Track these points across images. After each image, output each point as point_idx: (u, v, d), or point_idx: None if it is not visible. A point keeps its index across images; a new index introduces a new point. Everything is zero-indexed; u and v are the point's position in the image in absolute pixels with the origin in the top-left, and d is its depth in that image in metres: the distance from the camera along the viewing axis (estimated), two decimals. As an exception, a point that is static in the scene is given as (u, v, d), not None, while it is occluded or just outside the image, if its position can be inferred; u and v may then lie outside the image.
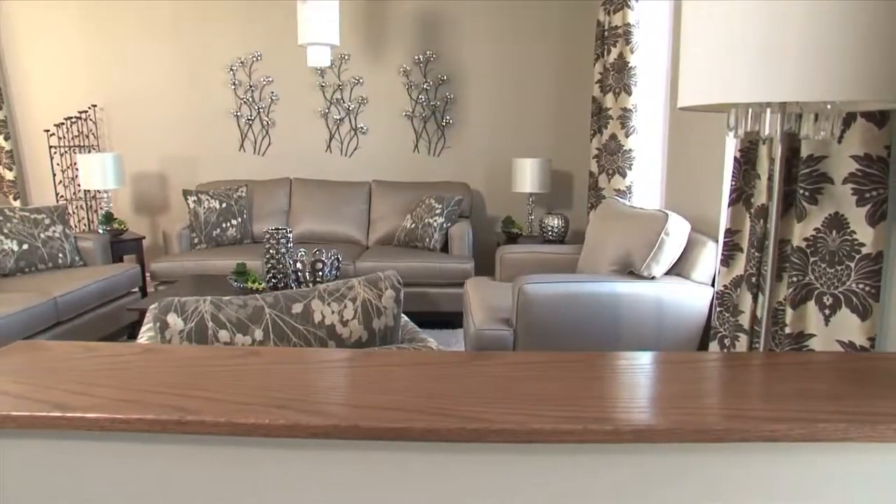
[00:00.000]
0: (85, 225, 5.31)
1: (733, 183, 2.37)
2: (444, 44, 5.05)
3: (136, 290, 4.15)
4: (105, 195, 4.77)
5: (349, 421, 0.96)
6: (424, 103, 5.11)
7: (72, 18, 5.17)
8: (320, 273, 3.24)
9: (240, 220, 4.67)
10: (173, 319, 1.46)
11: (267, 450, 1.00)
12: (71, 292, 3.49)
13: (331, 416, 0.97)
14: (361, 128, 5.17)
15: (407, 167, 5.22)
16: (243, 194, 4.74)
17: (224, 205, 4.62)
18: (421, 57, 5.05)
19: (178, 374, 1.17)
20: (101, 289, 3.74)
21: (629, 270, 2.93)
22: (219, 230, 4.59)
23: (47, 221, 3.89)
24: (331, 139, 5.21)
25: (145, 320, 1.44)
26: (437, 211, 4.42)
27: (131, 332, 4.15)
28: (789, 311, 1.99)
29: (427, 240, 4.39)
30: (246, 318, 1.52)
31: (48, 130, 5.22)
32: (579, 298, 2.74)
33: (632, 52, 3.84)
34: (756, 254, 2.19)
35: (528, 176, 4.67)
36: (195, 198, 4.56)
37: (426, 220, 4.42)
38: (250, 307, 1.54)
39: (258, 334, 1.52)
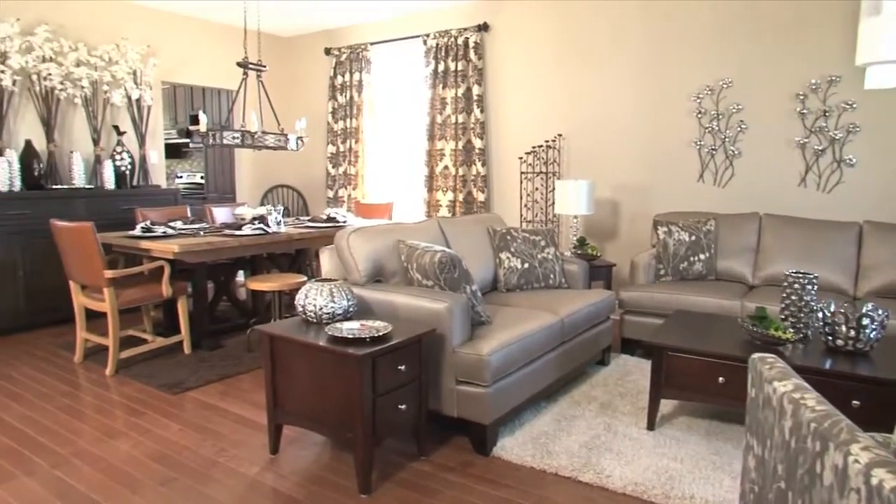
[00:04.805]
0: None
1: None
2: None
3: (608, 317, 4.23)
4: (574, 220, 5.02)
5: None
6: (936, 132, 4.31)
7: (544, 56, 5.60)
8: (864, 331, 2.84)
9: (707, 254, 4.49)
10: None
11: None
12: (573, 314, 3.67)
13: None
14: (848, 159, 4.57)
15: (904, 207, 4.46)
16: (712, 228, 4.55)
17: (693, 237, 4.49)
18: (937, 78, 4.26)
19: None
20: (591, 313, 3.88)
21: None
22: (686, 263, 4.47)
23: (542, 243, 4.19)
24: (806, 172, 4.72)
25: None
26: (970, 264, 3.64)
27: (600, 359, 4.24)
28: None
29: (954, 298, 3.64)
30: None
31: (521, 158, 5.75)
32: None
33: None
34: None
35: None
36: (665, 228, 4.52)
37: (953, 274, 3.67)
38: None
39: None
